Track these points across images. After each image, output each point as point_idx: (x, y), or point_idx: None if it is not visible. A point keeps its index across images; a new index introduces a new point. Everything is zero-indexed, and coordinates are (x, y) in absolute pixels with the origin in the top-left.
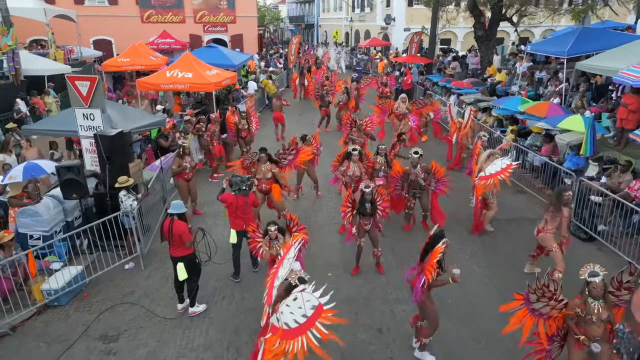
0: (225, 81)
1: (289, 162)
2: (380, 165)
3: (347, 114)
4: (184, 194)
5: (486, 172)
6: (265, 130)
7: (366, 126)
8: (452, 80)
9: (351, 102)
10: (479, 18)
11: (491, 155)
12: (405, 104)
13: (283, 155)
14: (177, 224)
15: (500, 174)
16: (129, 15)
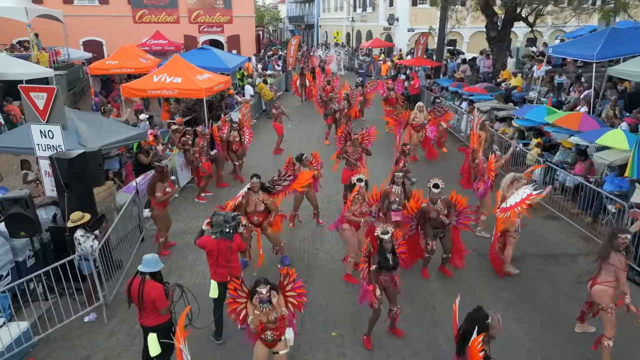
0: (218, 86)
1: (284, 188)
2: (396, 197)
3: (342, 125)
4: (163, 226)
5: (508, 203)
6: (260, 141)
7: (362, 139)
8: (464, 85)
9: (353, 109)
10: (491, 18)
11: (515, 180)
12: (423, 114)
13: (278, 182)
14: (150, 287)
15: (519, 205)
16: (120, 15)
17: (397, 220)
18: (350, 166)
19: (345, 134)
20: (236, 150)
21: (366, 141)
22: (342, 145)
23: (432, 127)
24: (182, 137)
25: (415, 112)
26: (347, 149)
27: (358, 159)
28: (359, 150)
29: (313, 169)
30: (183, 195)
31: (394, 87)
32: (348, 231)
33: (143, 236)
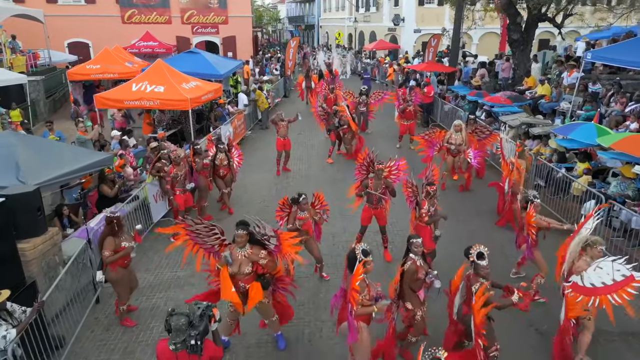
0: (207, 95)
1: (277, 249)
2: (424, 271)
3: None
4: (124, 291)
5: (585, 281)
6: (253, 158)
7: (389, 173)
8: (484, 94)
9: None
10: (514, 18)
11: (589, 246)
12: (461, 134)
13: (266, 236)
14: None
15: (616, 293)
16: (108, 15)
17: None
18: (373, 204)
19: (368, 163)
20: (223, 176)
21: (393, 176)
22: (362, 176)
23: (475, 152)
24: (156, 161)
25: (451, 132)
26: (367, 182)
27: (382, 194)
28: (382, 185)
29: (315, 215)
30: (157, 233)
31: (411, 98)
32: (365, 335)
33: (98, 296)
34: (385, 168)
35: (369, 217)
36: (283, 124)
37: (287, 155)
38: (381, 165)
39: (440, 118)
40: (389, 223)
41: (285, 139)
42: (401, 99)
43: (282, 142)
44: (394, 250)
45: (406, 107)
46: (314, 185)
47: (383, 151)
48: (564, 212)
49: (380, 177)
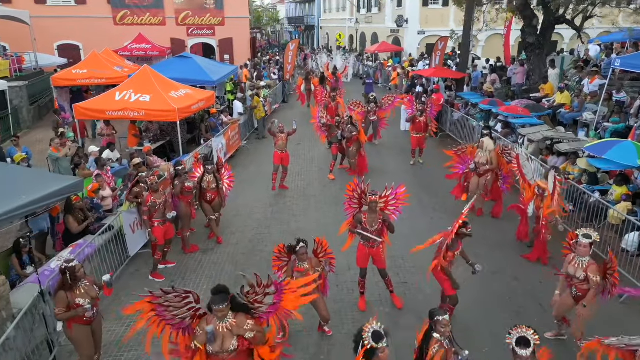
0: (198, 104)
1: (269, 313)
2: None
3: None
4: (85, 350)
5: None
6: (246, 174)
7: (386, 204)
8: (498, 103)
9: (361, 135)
10: (530, 21)
11: None
12: (487, 154)
13: (256, 298)
14: None
15: None
16: (99, 16)
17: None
18: (369, 242)
19: (359, 195)
20: (211, 201)
21: (391, 207)
22: (354, 210)
23: (505, 176)
24: (133, 186)
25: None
26: (360, 217)
27: (379, 231)
28: (379, 220)
29: (317, 265)
30: (133, 269)
31: (424, 108)
32: None
33: (55, 356)
34: (380, 199)
35: (365, 257)
36: (282, 136)
37: (284, 171)
38: (375, 197)
39: (450, 127)
40: (398, 257)
41: (283, 153)
42: (415, 109)
43: (280, 156)
44: (407, 293)
45: (417, 118)
46: (313, 207)
47: (391, 166)
48: (599, 243)
49: (376, 211)
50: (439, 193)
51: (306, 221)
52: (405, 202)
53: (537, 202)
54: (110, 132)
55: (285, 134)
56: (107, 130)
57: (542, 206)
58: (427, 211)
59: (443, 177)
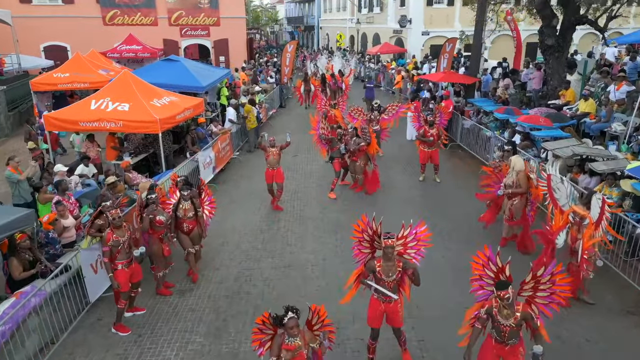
0: (183, 114)
1: None
2: None
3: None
4: None
5: None
6: (235, 194)
7: (405, 247)
8: (515, 111)
9: (372, 146)
10: (549, 21)
11: None
12: (516, 173)
13: None
14: None
15: None
16: (87, 16)
17: None
18: (384, 296)
19: (370, 236)
20: (189, 231)
21: (411, 250)
22: (364, 256)
23: (534, 201)
24: (96, 217)
25: (511, 170)
26: (373, 265)
27: (397, 282)
28: (397, 269)
29: (312, 341)
30: (94, 318)
31: (437, 119)
32: None
33: None
34: (397, 242)
35: (379, 315)
36: (273, 151)
37: (279, 189)
38: (391, 241)
39: (460, 137)
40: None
41: (274, 170)
42: (422, 120)
43: (271, 174)
44: (426, 355)
45: (427, 131)
46: (311, 234)
47: (398, 183)
48: None
49: (393, 258)
50: (455, 216)
51: (302, 253)
52: (428, 243)
53: (573, 233)
54: (97, 152)
55: (277, 148)
56: (93, 148)
57: (582, 237)
58: (442, 240)
59: (458, 196)
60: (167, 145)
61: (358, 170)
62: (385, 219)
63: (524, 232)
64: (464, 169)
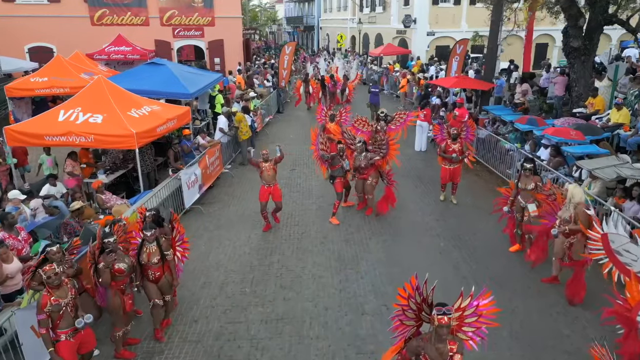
0: (166, 125)
1: None
2: None
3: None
4: None
5: None
6: (223, 215)
7: (462, 320)
8: (539, 121)
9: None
10: (575, 20)
11: None
12: (573, 207)
13: None
14: None
15: None
16: (74, 15)
17: None
18: None
19: (418, 305)
20: (157, 279)
21: (468, 328)
22: (406, 330)
23: None
24: (38, 266)
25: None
26: (418, 348)
27: None
28: (450, 352)
29: None
30: None
31: (463, 132)
32: None
33: None
34: (454, 316)
35: None
36: (267, 165)
37: (277, 208)
38: (448, 318)
39: (475, 149)
40: None
41: (271, 187)
42: (445, 132)
43: (267, 191)
44: None
45: (449, 145)
46: (310, 272)
47: (410, 203)
48: None
49: (446, 339)
50: (482, 253)
51: (298, 299)
52: (492, 321)
53: None
54: (80, 170)
55: (271, 162)
56: (78, 166)
57: None
58: (467, 287)
59: (479, 221)
60: (149, 160)
61: (369, 190)
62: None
63: (576, 277)
64: (483, 186)
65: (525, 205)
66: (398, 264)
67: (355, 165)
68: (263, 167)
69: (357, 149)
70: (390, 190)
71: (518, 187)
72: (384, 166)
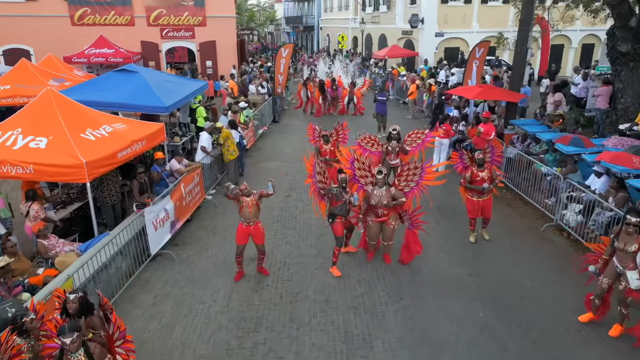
0: (129, 149)
1: None
2: None
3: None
4: None
5: None
6: (199, 264)
7: None
8: (585, 141)
9: (409, 199)
10: (625, 20)
11: None
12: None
13: None
14: None
15: None
16: (53, 15)
17: None
18: None
19: None
20: None
21: None
22: None
23: None
24: None
25: None
26: None
27: None
28: None
29: None
30: None
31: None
32: None
33: None
34: None
35: None
36: (248, 200)
37: (260, 252)
38: None
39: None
40: None
41: (251, 226)
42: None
43: (246, 231)
44: None
45: (475, 175)
46: (306, 357)
47: (433, 252)
48: None
49: None
50: (538, 329)
51: None
52: None
53: None
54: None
55: (253, 197)
56: (40, 209)
57: None
58: None
59: (528, 281)
60: (114, 189)
61: (389, 236)
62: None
63: None
64: (519, 222)
65: (624, 272)
66: (425, 342)
67: (374, 202)
68: (244, 202)
69: (379, 183)
70: (415, 235)
71: (614, 245)
72: (408, 205)
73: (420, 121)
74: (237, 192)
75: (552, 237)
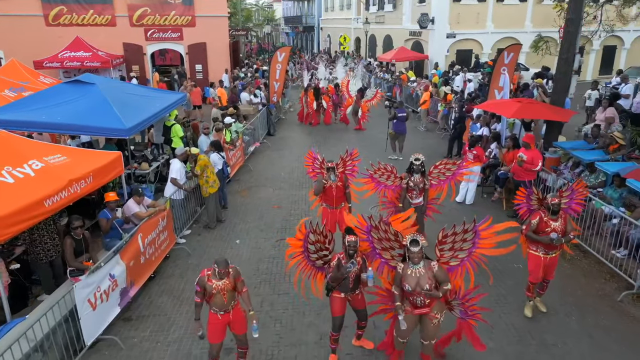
0: (62, 194)
1: None
2: None
3: None
4: None
5: None
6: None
7: None
8: None
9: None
10: None
11: None
12: None
13: None
14: None
15: None
16: (26, 14)
17: None
18: None
19: None
20: None
21: None
22: None
23: None
24: None
25: None
26: None
27: None
28: None
29: None
30: None
31: (564, 201)
32: None
33: None
34: None
35: None
36: (221, 285)
37: (241, 345)
38: None
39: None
40: None
41: (228, 313)
42: (534, 201)
43: (221, 323)
44: None
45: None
46: None
47: None
48: None
49: None
50: None
51: None
52: None
53: None
54: None
55: (228, 280)
56: None
57: None
58: None
59: None
60: (50, 242)
61: (432, 333)
62: None
63: None
64: (585, 285)
65: None
66: None
67: (410, 288)
68: (215, 288)
69: (414, 259)
70: (471, 328)
71: None
72: (458, 286)
73: (434, 134)
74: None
75: (636, 311)
